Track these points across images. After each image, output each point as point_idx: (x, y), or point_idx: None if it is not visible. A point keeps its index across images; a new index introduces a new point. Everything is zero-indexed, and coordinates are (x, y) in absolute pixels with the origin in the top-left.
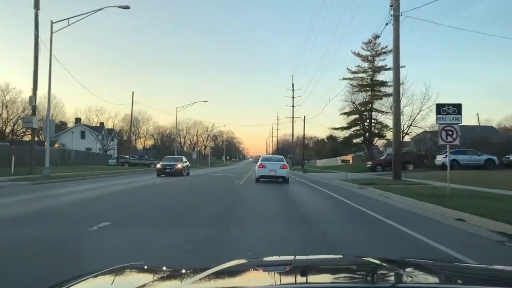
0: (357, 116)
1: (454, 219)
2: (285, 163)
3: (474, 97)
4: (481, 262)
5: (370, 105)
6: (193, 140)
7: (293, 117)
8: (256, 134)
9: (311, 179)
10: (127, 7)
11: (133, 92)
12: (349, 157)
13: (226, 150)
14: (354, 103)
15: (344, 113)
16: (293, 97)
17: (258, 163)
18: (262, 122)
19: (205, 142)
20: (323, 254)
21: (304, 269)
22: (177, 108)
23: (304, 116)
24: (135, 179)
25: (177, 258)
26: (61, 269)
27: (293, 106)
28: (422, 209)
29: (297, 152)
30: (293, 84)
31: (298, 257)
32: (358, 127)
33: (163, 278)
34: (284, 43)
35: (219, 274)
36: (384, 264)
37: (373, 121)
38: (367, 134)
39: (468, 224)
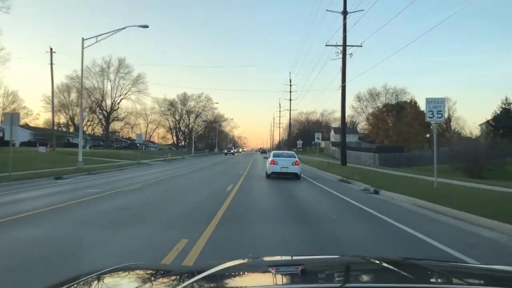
0: None
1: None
2: (297, 159)
3: None
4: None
5: None
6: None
7: None
8: (257, 122)
9: None
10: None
11: None
12: None
13: (210, 135)
14: None
15: None
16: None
17: (270, 160)
18: (264, 106)
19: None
20: (323, 255)
21: (304, 269)
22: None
23: None
24: None
25: None
26: None
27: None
28: None
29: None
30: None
31: (297, 257)
32: None
33: (162, 278)
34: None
35: (219, 274)
36: (384, 264)
37: None
38: None
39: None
